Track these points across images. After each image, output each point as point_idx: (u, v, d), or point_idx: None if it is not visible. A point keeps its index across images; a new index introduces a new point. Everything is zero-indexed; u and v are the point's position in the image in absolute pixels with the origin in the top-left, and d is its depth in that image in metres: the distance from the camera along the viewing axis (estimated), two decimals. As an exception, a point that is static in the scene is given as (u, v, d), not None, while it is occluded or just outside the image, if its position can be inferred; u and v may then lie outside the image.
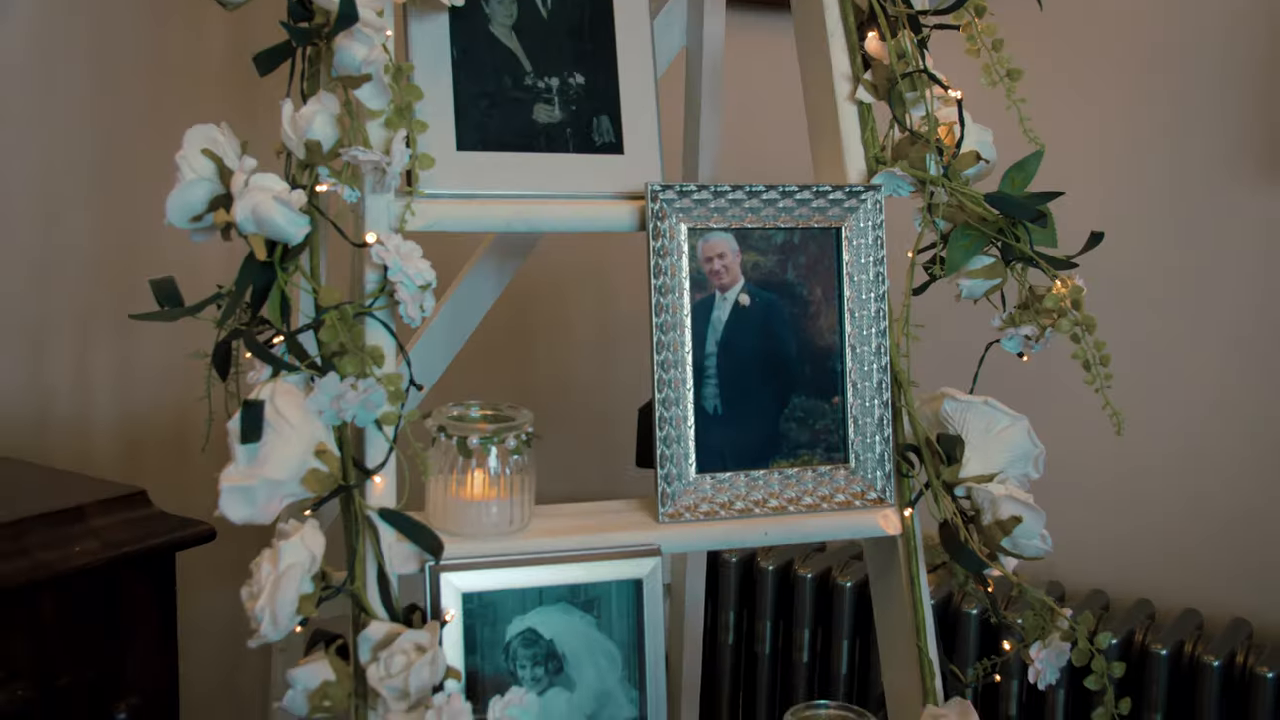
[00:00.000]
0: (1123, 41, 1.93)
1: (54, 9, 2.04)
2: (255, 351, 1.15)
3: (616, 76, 1.35)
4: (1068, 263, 1.36)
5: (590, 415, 2.23)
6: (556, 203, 1.30)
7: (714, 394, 1.30)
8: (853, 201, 1.35)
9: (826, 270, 1.34)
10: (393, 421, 1.17)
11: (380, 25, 1.17)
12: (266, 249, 1.17)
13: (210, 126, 1.21)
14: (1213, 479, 1.89)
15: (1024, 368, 1.43)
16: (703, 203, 1.29)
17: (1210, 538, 1.89)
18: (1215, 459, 1.88)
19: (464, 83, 1.29)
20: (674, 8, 1.63)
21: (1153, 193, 1.91)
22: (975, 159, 1.38)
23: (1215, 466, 1.88)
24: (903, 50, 1.37)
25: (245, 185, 1.16)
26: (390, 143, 1.19)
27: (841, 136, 1.39)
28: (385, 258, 1.17)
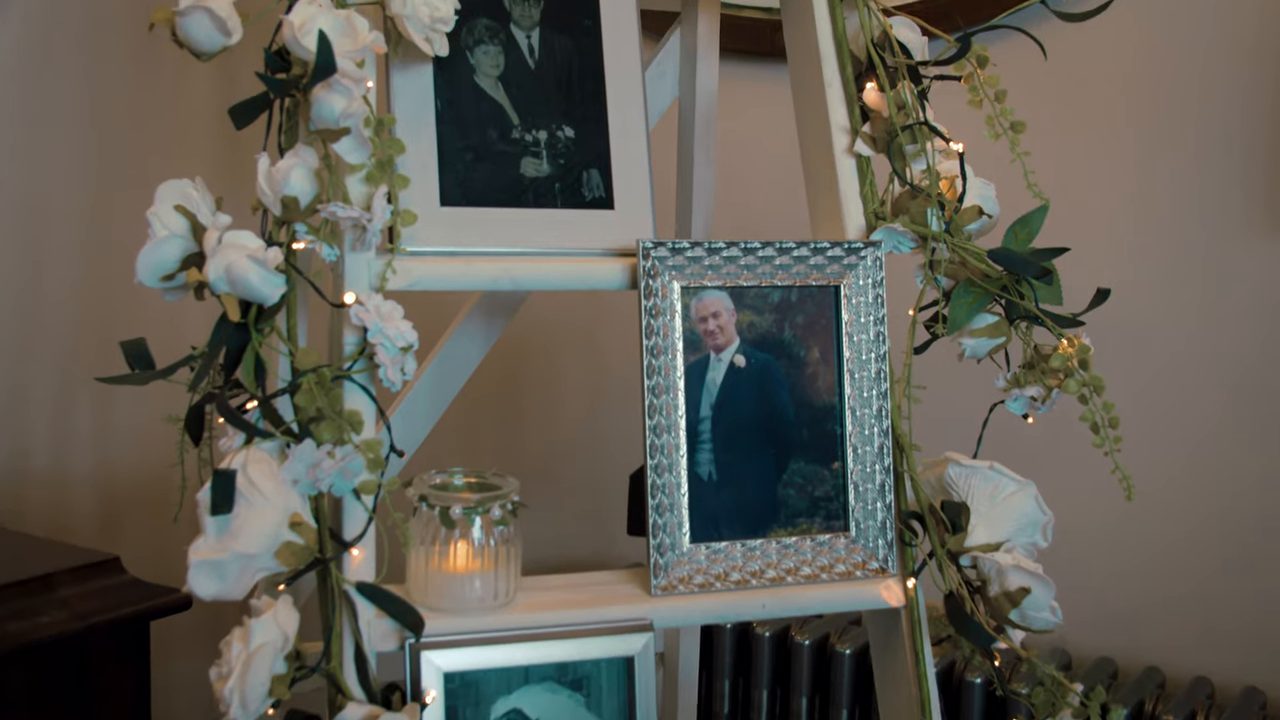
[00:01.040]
0: (1127, 93, 1.90)
1: (38, 63, 2.00)
2: (227, 417, 1.10)
3: (607, 129, 1.30)
4: (1074, 320, 1.32)
5: (579, 480, 2.17)
6: (544, 260, 1.25)
7: (709, 460, 1.24)
8: (852, 258, 1.30)
9: (825, 329, 1.29)
10: (372, 491, 1.11)
11: (360, 76, 1.12)
12: (241, 309, 1.12)
13: (184, 182, 1.17)
14: (1225, 544, 1.84)
15: (1030, 429, 1.38)
16: (696, 260, 1.25)
17: (1221, 604, 1.83)
18: (1226, 523, 1.83)
19: (448, 136, 1.24)
20: (666, 58, 1.59)
21: (1159, 247, 1.87)
22: (978, 214, 1.34)
23: (1227, 531, 1.84)
24: (902, 102, 1.33)
25: (219, 243, 1.11)
26: (371, 198, 1.14)
27: (840, 191, 1.35)
28: (365, 319, 1.12)
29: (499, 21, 1.29)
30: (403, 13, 1.17)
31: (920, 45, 1.37)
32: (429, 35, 1.18)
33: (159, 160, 2.10)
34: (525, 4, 1.30)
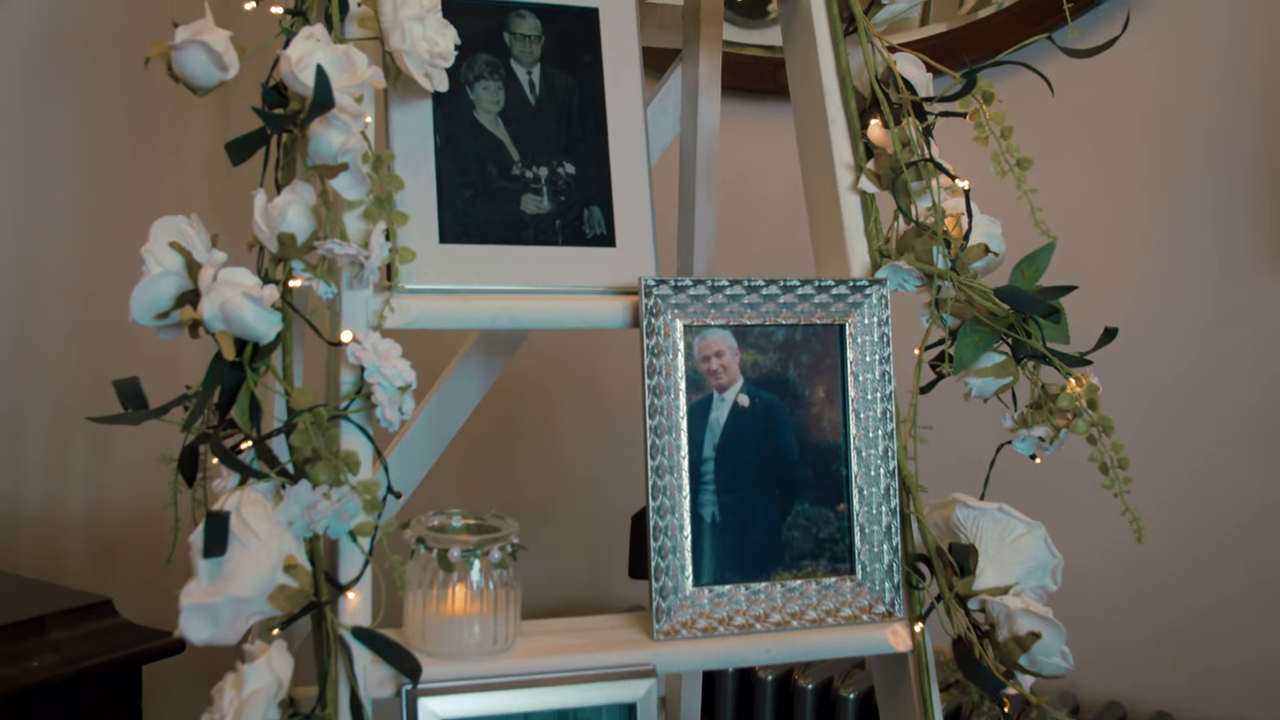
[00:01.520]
0: (1132, 129, 1.89)
1: (35, 98, 1.98)
2: (221, 458, 1.08)
3: (608, 166, 1.29)
4: (1081, 359, 1.30)
5: (579, 520, 2.15)
6: (545, 298, 1.23)
7: (712, 501, 1.22)
8: (857, 296, 1.28)
9: (830, 369, 1.27)
10: (368, 533, 1.09)
11: (358, 112, 1.11)
12: (236, 348, 1.10)
13: (179, 218, 1.15)
14: (1236, 585, 1.81)
15: (1033, 465, 1.36)
16: (699, 298, 1.23)
17: (1232, 647, 1.81)
18: (1239, 565, 1.81)
19: (447, 172, 1.23)
20: (667, 94, 1.58)
21: (1162, 284, 1.85)
22: (984, 251, 1.32)
23: (1239, 573, 1.81)
24: (907, 138, 1.32)
25: (214, 280, 1.10)
26: (368, 235, 1.12)
27: (844, 228, 1.33)
28: (362, 357, 1.10)
29: (499, 57, 1.27)
30: (402, 48, 1.15)
31: (925, 81, 1.36)
32: (428, 71, 1.17)
33: (155, 196, 2.08)
34: (526, 40, 1.29)
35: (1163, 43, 1.87)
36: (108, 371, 1.92)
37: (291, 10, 1.19)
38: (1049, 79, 1.37)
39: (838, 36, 1.37)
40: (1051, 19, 1.96)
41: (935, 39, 2.03)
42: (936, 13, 2.08)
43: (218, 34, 1.10)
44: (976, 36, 2.03)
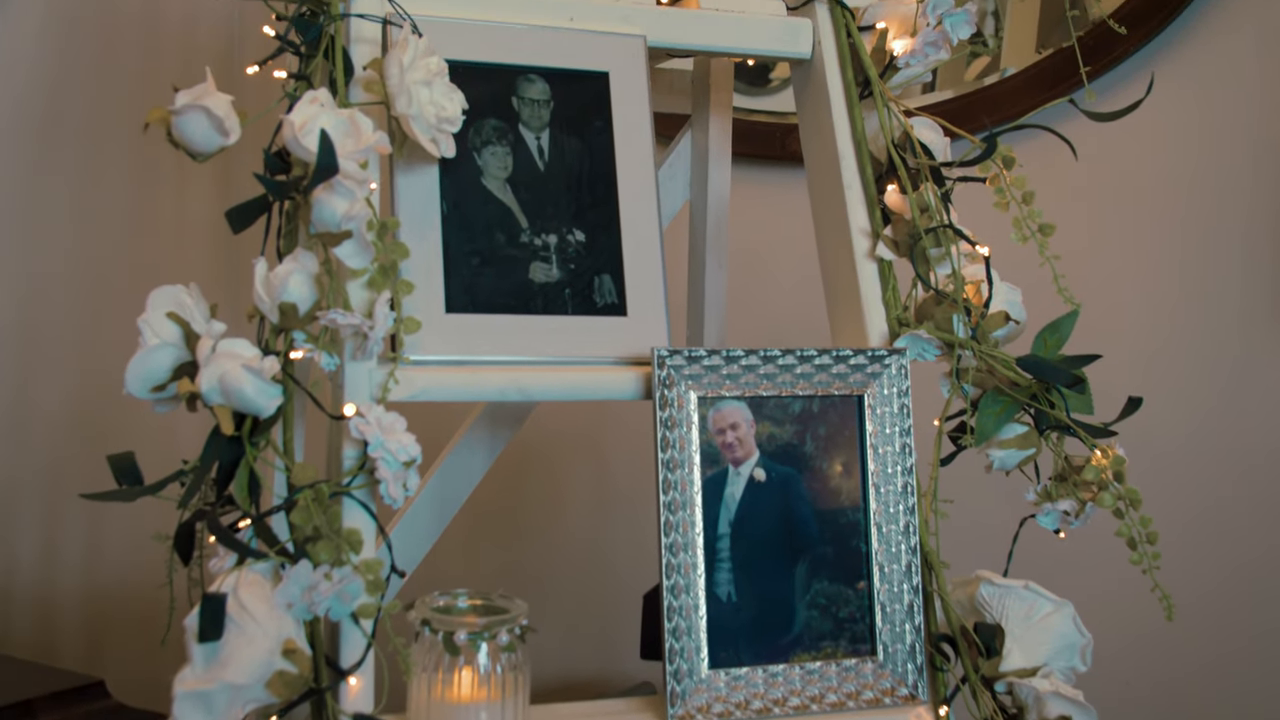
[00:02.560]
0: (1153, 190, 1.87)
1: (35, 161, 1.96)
2: (219, 536, 1.04)
3: (619, 233, 1.26)
4: (1106, 430, 1.27)
5: (586, 595, 2.10)
6: (554, 369, 1.20)
7: (727, 580, 1.18)
8: (875, 366, 1.24)
9: (848, 441, 1.23)
10: (371, 614, 1.05)
11: (363, 178, 1.07)
12: (235, 422, 1.06)
13: (177, 288, 1.11)
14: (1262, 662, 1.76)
15: (1059, 544, 1.32)
16: (714, 369, 1.19)
17: None
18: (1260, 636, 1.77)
19: (454, 239, 1.20)
20: (677, 160, 1.56)
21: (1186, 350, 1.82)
22: (1005, 319, 1.29)
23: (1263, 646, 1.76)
24: (925, 204, 1.29)
25: (212, 351, 1.06)
26: (373, 305, 1.09)
27: (861, 296, 1.30)
28: (365, 432, 1.06)
29: (507, 122, 1.25)
30: (408, 112, 1.12)
31: (943, 146, 1.33)
32: (435, 136, 1.14)
33: (157, 262, 2.05)
34: (535, 105, 1.26)
35: (1181, 102, 1.86)
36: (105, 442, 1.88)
37: (295, 74, 1.16)
38: (1069, 140, 1.34)
39: (853, 100, 1.35)
40: (1064, 83, 1.95)
41: (944, 105, 2.01)
42: (943, 80, 2.07)
43: (219, 99, 1.07)
44: (986, 103, 2.01)
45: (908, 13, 1.36)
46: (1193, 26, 1.95)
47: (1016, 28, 2.06)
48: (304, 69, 1.16)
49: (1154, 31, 1.94)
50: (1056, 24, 2.01)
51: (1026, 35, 2.05)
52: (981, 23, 2.01)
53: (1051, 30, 2.02)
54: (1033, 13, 2.05)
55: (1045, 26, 2.04)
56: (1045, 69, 1.99)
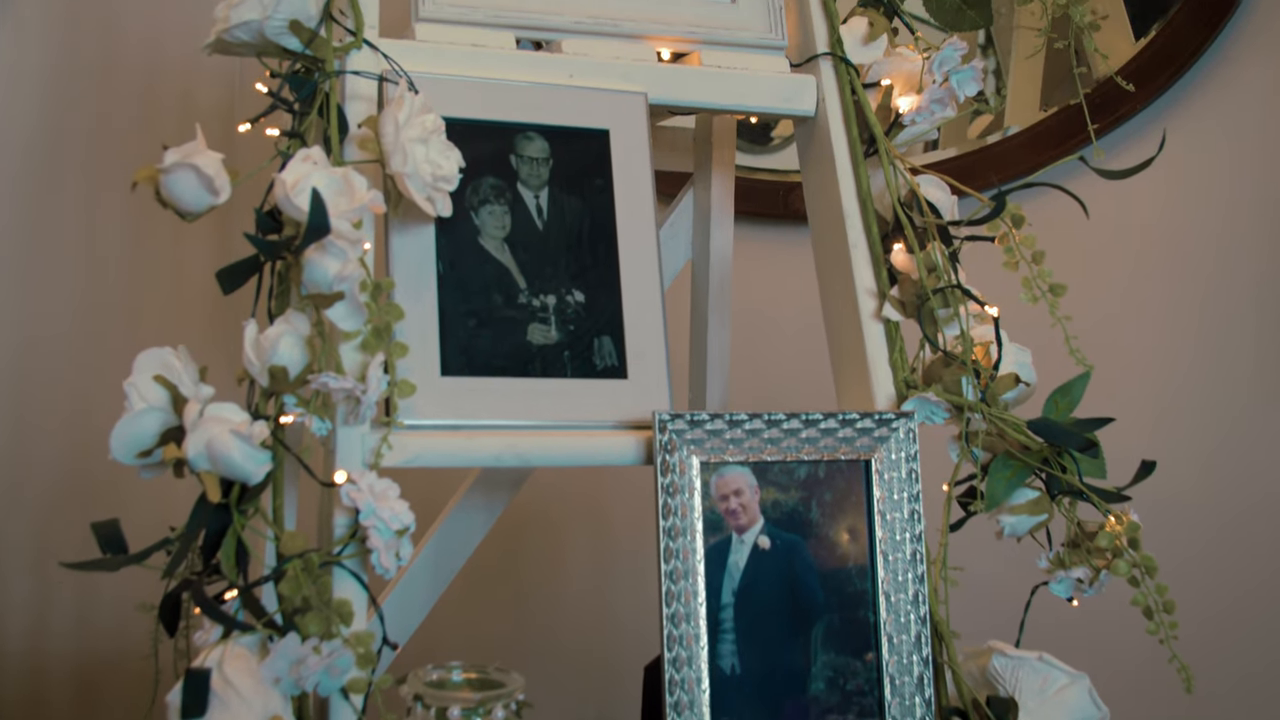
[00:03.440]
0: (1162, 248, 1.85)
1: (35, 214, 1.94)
2: (204, 608, 1.00)
3: (619, 294, 1.23)
4: (1119, 495, 1.24)
5: (589, 666, 2.05)
6: (553, 433, 1.17)
7: (731, 651, 1.14)
8: (883, 430, 1.21)
9: (855, 508, 1.20)
10: (361, 689, 1.01)
11: (356, 238, 1.05)
12: (223, 488, 1.03)
13: (165, 350, 1.09)
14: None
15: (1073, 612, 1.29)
16: (717, 433, 1.16)
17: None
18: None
19: (450, 300, 1.17)
20: (679, 219, 1.54)
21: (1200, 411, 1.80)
22: (1015, 382, 1.27)
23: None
24: (933, 264, 1.27)
25: (199, 416, 1.03)
26: (366, 368, 1.06)
27: (867, 358, 1.27)
28: (357, 499, 1.03)
29: (505, 180, 1.22)
30: (404, 171, 1.10)
31: (950, 204, 1.31)
32: (431, 195, 1.11)
33: (154, 317, 2.03)
34: (533, 163, 1.23)
35: (1191, 158, 1.85)
36: (99, 502, 1.86)
37: (288, 132, 1.14)
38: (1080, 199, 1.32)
39: (858, 158, 1.32)
40: (1069, 141, 1.94)
41: (948, 163, 2.00)
42: (946, 138, 2.06)
43: (209, 157, 1.05)
44: (991, 161, 2.00)
45: (913, 70, 1.34)
46: (1200, 83, 1.94)
47: (1020, 86, 2.05)
48: (298, 126, 1.14)
49: (1161, 88, 1.93)
50: (1060, 82, 2.00)
51: (1030, 93, 2.04)
52: (984, 81, 2.00)
53: (1055, 88, 2.01)
54: (1036, 71, 2.04)
55: (1049, 84, 2.02)
56: (1050, 127, 1.98)
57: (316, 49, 1.15)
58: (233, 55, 1.17)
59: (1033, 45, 1.99)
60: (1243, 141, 1.91)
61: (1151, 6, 1.98)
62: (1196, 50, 1.93)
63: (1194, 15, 1.94)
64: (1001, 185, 1.29)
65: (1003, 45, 2.06)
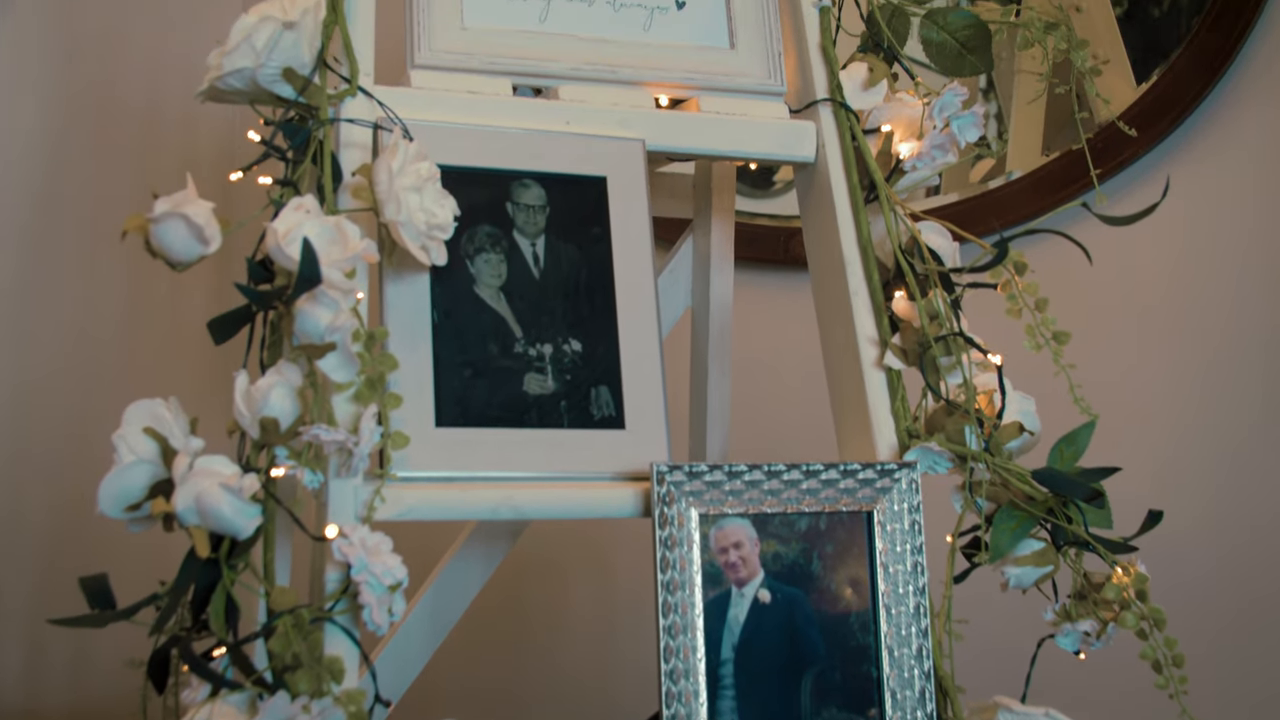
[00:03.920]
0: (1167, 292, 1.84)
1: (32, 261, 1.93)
2: (191, 665, 0.98)
3: (617, 343, 1.21)
4: (1126, 546, 1.23)
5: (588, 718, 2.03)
6: (549, 485, 1.15)
7: (731, 708, 1.12)
8: (885, 481, 1.19)
9: (857, 560, 1.18)
10: (353, 749, 0.99)
11: (349, 288, 1.03)
12: (212, 543, 1.01)
13: (155, 401, 1.07)
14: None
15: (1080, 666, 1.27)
16: (716, 485, 1.14)
17: None
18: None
19: (446, 350, 1.15)
20: (678, 266, 1.53)
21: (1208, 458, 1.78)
22: (1019, 431, 1.25)
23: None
24: (935, 311, 1.25)
25: (189, 469, 1.01)
26: (359, 419, 1.04)
27: (869, 407, 1.26)
28: (348, 553, 1.01)
29: (501, 229, 1.21)
30: (397, 219, 1.08)
31: (952, 251, 1.30)
32: (425, 243, 1.10)
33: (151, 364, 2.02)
34: (530, 211, 1.22)
35: (1195, 204, 1.84)
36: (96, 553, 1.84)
37: (281, 181, 1.12)
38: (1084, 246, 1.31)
39: (858, 205, 1.31)
40: (1072, 186, 1.93)
41: (950, 208, 1.99)
42: (948, 183, 2.05)
43: (199, 206, 1.03)
44: (993, 206, 1.99)
45: (913, 115, 1.33)
46: (1202, 128, 1.93)
47: (1021, 130, 2.05)
48: (291, 174, 1.13)
49: (1164, 133, 1.92)
50: (1062, 127, 2.00)
51: (1032, 138, 2.03)
52: (985, 125, 1.99)
53: (1057, 133, 2.01)
54: (1038, 115, 2.03)
55: (1051, 129, 2.02)
56: (1052, 171, 1.97)
57: (310, 96, 1.14)
58: (226, 103, 1.15)
59: (1034, 90, 1.99)
60: (1247, 185, 1.90)
61: (1152, 51, 1.98)
62: (1199, 95, 1.93)
63: (1195, 60, 1.93)
64: (1003, 231, 1.28)
65: (1004, 90, 2.05)
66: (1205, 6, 1.94)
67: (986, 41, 1.38)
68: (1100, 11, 2.00)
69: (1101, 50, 1.98)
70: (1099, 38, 1.99)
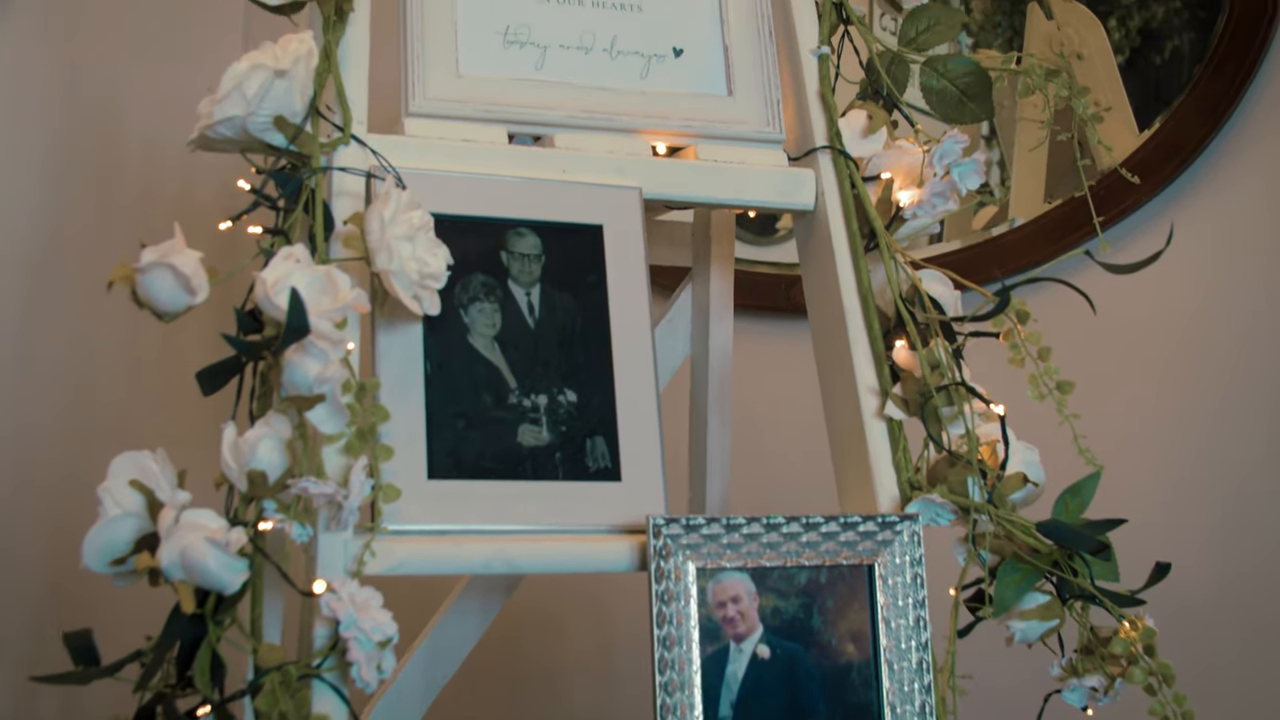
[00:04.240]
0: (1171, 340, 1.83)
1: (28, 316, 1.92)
2: (175, 725, 0.96)
3: (613, 393, 1.20)
4: (1133, 599, 1.21)
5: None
6: (544, 538, 1.13)
7: (730, 767, 1.10)
8: (886, 533, 1.18)
9: (858, 615, 1.16)
10: (341, 810, 0.97)
11: (338, 338, 1.02)
12: (198, 598, 0.99)
13: (142, 454, 1.06)
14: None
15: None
16: (713, 538, 1.12)
17: None
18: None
19: (438, 401, 1.14)
20: (677, 314, 1.51)
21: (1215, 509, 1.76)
22: (1022, 482, 1.24)
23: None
24: (936, 361, 1.24)
25: (175, 522, 1.00)
26: (349, 472, 1.02)
27: (870, 458, 1.24)
28: (337, 609, 0.99)
29: (496, 277, 1.19)
30: (389, 268, 1.07)
31: (953, 299, 1.29)
32: (417, 293, 1.08)
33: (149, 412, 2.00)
34: (525, 259, 1.21)
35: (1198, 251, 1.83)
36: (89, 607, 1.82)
37: (272, 230, 1.11)
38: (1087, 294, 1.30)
39: (858, 253, 1.30)
40: (1075, 233, 1.93)
41: (952, 256, 1.98)
42: (950, 230, 2.04)
43: (186, 256, 1.02)
44: (995, 253, 1.98)
45: (913, 163, 1.32)
46: (1206, 174, 1.93)
47: (1023, 177, 2.04)
48: (282, 223, 1.11)
49: (1167, 180, 1.92)
50: (1064, 174, 1.99)
51: (1034, 185, 2.03)
52: (987, 173, 1.98)
53: (1059, 180, 2.00)
54: (1040, 162, 2.03)
55: (1053, 176, 2.01)
56: (1055, 219, 1.96)
57: (302, 145, 1.13)
58: (217, 152, 1.14)
59: (1035, 137, 1.98)
60: (1251, 231, 1.89)
61: (1154, 98, 1.98)
62: (1202, 141, 1.92)
63: (1198, 107, 1.93)
64: (1006, 279, 1.27)
65: (1005, 137, 2.05)
66: (1207, 54, 1.94)
67: (987, 89, 1.37)
68: (1101, 59, 2.00)
69: (1103, 98, 1.97)
70: (1100, 85, 1.99)
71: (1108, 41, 2.03)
